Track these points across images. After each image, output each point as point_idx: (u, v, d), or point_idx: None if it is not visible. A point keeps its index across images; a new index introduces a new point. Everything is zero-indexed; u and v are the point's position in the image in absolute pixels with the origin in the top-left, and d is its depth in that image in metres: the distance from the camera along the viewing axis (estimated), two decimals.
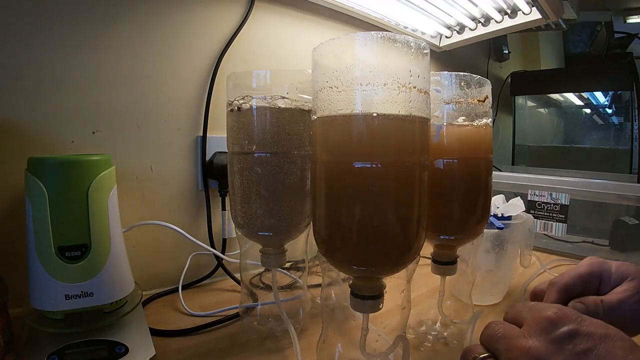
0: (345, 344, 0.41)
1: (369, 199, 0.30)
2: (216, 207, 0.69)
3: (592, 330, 0.23)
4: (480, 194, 0.44)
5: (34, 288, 0.41)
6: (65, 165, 0.41)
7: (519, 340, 0.25)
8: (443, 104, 0.43)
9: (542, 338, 0.24)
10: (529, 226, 0.64)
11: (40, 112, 0.53)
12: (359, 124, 0.30)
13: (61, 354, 0.39)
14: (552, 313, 0.25)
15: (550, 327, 0.24)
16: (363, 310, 0.34)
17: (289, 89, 0.42)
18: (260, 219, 0.43)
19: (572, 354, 0.22)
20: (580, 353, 0.22)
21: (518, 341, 0.25)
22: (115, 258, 0.44)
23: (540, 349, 0.23)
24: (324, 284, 0.42)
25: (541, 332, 0.24)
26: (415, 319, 0.52)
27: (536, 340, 0.24)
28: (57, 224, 0.40)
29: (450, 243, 0.45)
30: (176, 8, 0.63)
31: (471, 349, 0.29)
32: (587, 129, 1.67)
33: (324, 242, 0.34)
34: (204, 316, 0.54)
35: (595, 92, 1.63)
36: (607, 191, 0.80)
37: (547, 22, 0.86)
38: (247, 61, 0.72)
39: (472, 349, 0.29)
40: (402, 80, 0.30)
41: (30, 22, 0.51)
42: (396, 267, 0.33)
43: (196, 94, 0.66)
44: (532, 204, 0.86)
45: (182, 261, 0.64)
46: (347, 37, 0.30)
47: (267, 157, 0.42)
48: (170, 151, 0.64)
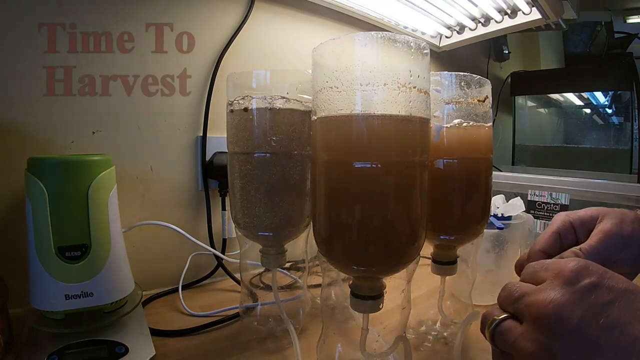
0: (345, 344, 0.41)
1: (369, 199, 0.30)
2: (216, 207, 0.69)
3: (613, 284, 0.23)
4: (480, 194, 0.44)
5: (34, 288, 0.41)
6: (65, 165, 0.41)
7: (541, 293, 0.24)
8: (443, 104, 0.43)
9: (565, 290, 0.23)
10: (529, 226, 0.64)
11: (40, 112, 0.53)
12: (359, 124, 0.30)
13: (61, 354, 0.39)
14: (574, 265, 0.25)
15: (573, 279, 0.24)
16: (363, 310, 0.34)
17: (289, 89, 0.42)
18: (260, 219, 0.43)
19: (594, 304, 0.22)
20: (602, 305, 0.22)
21: (539, 295, 0.24)
22: (115, 258, 0.44)
23: (562, 299, 0.23)
24: (324, 284, 0.42)
25: (563, 285, 0.24)
26: (415, 319, 0.52)
27: (558, 292, 0.24)
28: (57, 224, 0.40)
29: (450, 243, 0.45)
30: (176, 8, 0.63)
31: (489, 312, 0.29)
32: (587, 129, 1.67)
33: (324, 242, 0.34)
34: (204, 316, 0.54)
35: (595, 92, 1.63)
36: (607, 191, 0.80)
37: (547, 22, 0.86)
38: (247, 61, 0.72)
39: (489, 313, 0.28)
40: (402, 80, 0.30)
41: (29, 22, 0.51)
42: (396, 267, 0.33)
43: (196, 93, 0.66)
44: (532, 204, 0.86)
45: (182, 261, 0.64)
46: (347, 37, 0.30)
47: (267, 157, 0.42)
48: (170, 151, 0.64)
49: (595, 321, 0.22)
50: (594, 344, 0.21)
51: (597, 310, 0.22)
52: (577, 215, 0.36)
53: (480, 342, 0.48)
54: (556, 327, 0.23)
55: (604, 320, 0.22)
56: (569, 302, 0.23)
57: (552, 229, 0.36)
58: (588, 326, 0.22)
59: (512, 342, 0.25)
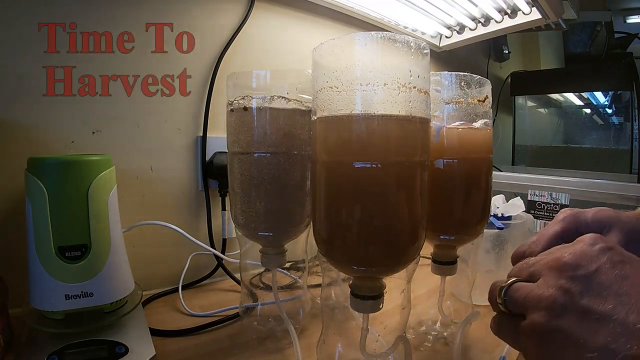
0: (345, 344, 0.41)
1: (369, 199, 0.30)
2: (216, 207, 0.69)
3: (626, 253, 0.25)
4: (480, 194, 0.44)
5: (34, 288, 0.41)
6: (65, 165, 0.41)
7: (560, 252, 0.26)
8: (443, 104, 0.43)
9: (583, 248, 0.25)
10: (529, 226, 0.64)
11: (40, 112, 0.53)
12: (359, 124, 0.30)
13: (61, 354, 0.39)
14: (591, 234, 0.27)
15: (590, 242, 0.26)
16: (363, 310, 0.34)
17: (289, 89, 0.42)
18: (260, 219, 0.43)
19: (609, 260, 0.24)
20: (616, 262, 0.24)
21: (557, 253, 0.26)
22: (115, 258, 0.44)
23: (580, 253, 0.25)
24: (324, 284, 0.42)
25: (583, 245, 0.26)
26: (415, 319, 0.52)
27: (577, 249, 0.25)
28: (57, 224, 0.40)
29: (450, 243, 0.45)
30: (176, 8, 0.63)
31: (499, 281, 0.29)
32: (587, 129, 1.67)
33: (324, 242, 0.34)
34: (204, 316, 0.54)
35: (595, 92, 1.63)
36: (607, 191, 0.80)
37: (547, 22, 0.86)
38: (247, 61, 0.72)
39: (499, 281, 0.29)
40: (402, 80, 0.30)
41: (29, 22, 0.51)
42: (396, 267, 0.33)
43: (196, 93, 0.66)
44: (532, 204, 0.86)
45: (182, 261, 0.64)
46: (347, 37, 0.30)
47: (267, 157, 0.42)
48: (170, 151, 0.64)
49: (610, 271, 0.24)
50: (608, 287, 0.23)
51: (612, 265, 0.24)
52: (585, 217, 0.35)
53: (480, 342, 0.48)
54: (575, 272, 0.24)
55: (618, 272, 0.23)
56: (587, 255, 0.25)
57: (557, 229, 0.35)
58: (603, 273, 0.24)
59: (526, 295, 0.26)
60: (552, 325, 0.24)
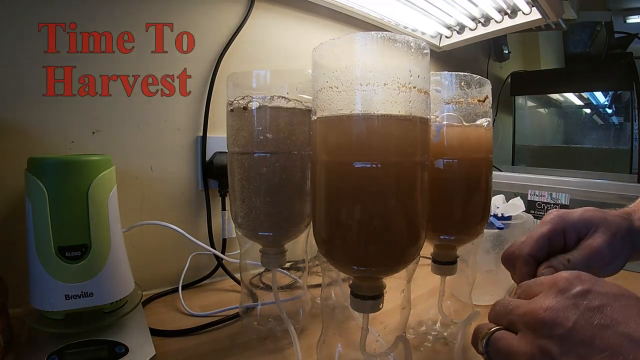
0: (345, 344, 0.41)
1: (369, 199, 0.30)
2: (216, 207, 0.69)
3: (606, 290, 0.24)
4: (481, 194, 0.44)
5: (34, 288, 0.41)
6: (65, 165, 0.41)
7: (535, 303, 0.25)
8: (443, 104, 0.43)
9: (559, 297, 0.24)
10: (529, 226, 0.63)
11: (40, 112, 0.53)
12: (359, 124, 0.30)
13: (61, 354, 0.39)
14: (567, 275, 0.26)
15: (567, 287, 0.25)
16: (363, 310, 0.34)
17: (289, 89, 0.42)
18: (260, 219, 0.43)
19: (587, 308, 0.23)
20: (595, 308, 0.23)
21: (534, 304, 0.25)
22: (115, 258, 0.44)
23: (557, 305, 0.24)
24: (324, 284, 0.42)
25: (557, 293, 0.25)
26: (415, 319, 0.52)
27: (552, 300, 0.24)
28: (57, 224, 0.40)
29: (450, 243, 0.45)
30: (176, 8, 0.63)
31: (481, 325, 0.29)
32: (587, 129, 1.67)
33: (324, 242, 0.34)
34: (204, 316, 0.54)
35: (595, 92, 1.63)
36: (607, 191, 0.80)
37: (547, 22, 0.86)
38: (247, 61, 0.72)
39: (482, 326, 0.29)
40: (402, 80, 0.30)
41: (29, 22, 0.51)
42: (396, 267, 0.33)
43: (196, 93, 0.66)
44: (532, 204, 0.86)
45: (182, 261, 0.64)
46: (347, 37, 0.30)
47: (267, 157, 0.42)
48: (170, 151, 0.64)
49: (589, 323, 0.22)
50: (589, 344, 0.22)
51: (591, 314, 0.23)
52: (571, 218, 0.36)
53: None
54: (552, 331, 0.23)
55: (597, 322, 0.22)
56: (563, 308, 0.24)
57: (544, 231, 0.36)
58: (582, 328, 0.22)
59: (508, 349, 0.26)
60: None
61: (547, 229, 0.36)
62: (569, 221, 0.36)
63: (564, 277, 0.26)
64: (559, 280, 0.26)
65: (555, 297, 0.25)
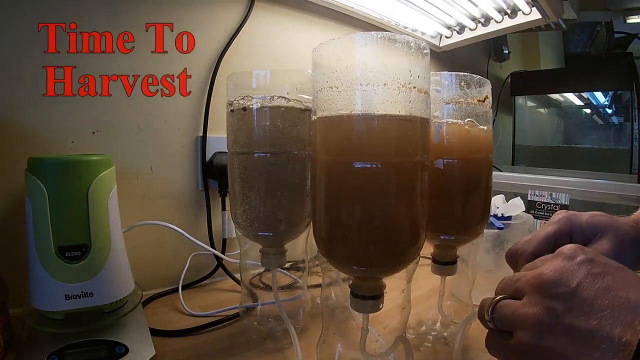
0: (345, 344, 0.41)
1: (369, 199, 0.30)
2: (216, 207, 0.69)
3: (606, 261, 0.26)
4: (481, 194, 0.44)
5: (34, 288, 0.41)
6: (65, 165, 0.41)
7: (542, 268, 0.26)
8: (443, 104, 0.43)
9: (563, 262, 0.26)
10: (529, 226, 0.63)
11: (40, 112, 0.53)
12: (359, 124, 0.30)
13: (61, 354, 0.39)
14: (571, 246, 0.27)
15: (571, 255, 0.26)
16: (363, 310, 0.34)
17: (289, 89, 0.42)
18: (260, 219, 0.43)
19: (590, 273, 0.24)
20: (597, 274, 0.24)
21: (539, 270, 0.26)
22: (115, 258, 0.44)
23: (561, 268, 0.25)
24: (324, 284, 0.42)
25: (562, 259, 0.26)
26: (415, 319, 0.52)
27: (558, 264, 0.26)
28: (57, 224, 0.40)
29: (451, 243, 0.45)
30: (176, 8, 0.63)
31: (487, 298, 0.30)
32: (587, 129, 1.67)
33: (324, 242, 0.34)
34: (204, 316, 0.54)
35: (595, 92, 1.63)
36: (607, 191, 0.80)
37: (547, 22, 0.86)
38: (247, 61, 0.72)
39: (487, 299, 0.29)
40: (402, 80, 0.30)
41: (29, 22, 0.51)
42: (396, 267, 0.33)
43: (196, 93, 0.66)
44: (532, 204, 0.86)
45: (182, 261, 0.64)
46: (347, 37, 0.30)
47: (267, 157, 0.42)
48: (170, 151, 0.64)
49: (591, 286, 0.24)
50: (590, 303, 0.23)
51: (593, 278, 0.24)
52: (579, 221, 0.36)
53: (480, 342, 0.48)
54: (557, 290, 0.24)
55: (599, 285, 0.24)
56: (567, 271, 0.25)
57: (550, 231, 0.35)
58: (585, 288, 0.24)
59: (512, 312, 0.26)
60: (540, 344, 0.24)
61: (554, 229, 0.35)
62: (576, 224, 0.36)
63: (568, 247, 0.27)
64: (564, 249, 0.27)
65: (560, 261, 0.26)
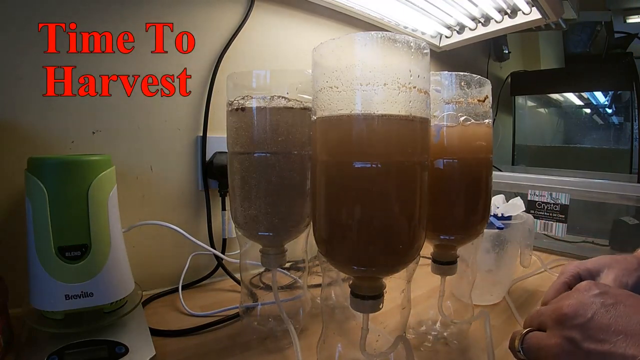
0: (345, 344, 0.41)
1: (369, 199, 0.30)
2: (216, 207, 0.69)
3: (618, 292, 0.29)
4: (480, 194, 0.44)
5: (34, 288, 0.41)
6: (65, 165, 0.41)
7: (560, 302, 0.31)
8: (443, 104, 0.43)
9: (579, 296, 0.30)
10: (529, 226, 0.64)
11: (40, 112, 0.53)
12: (359, 124, 0.30)
13: (61, 354, 0.39)
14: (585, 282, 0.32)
15: (586, 289, 0.30)
16: (363, 310, 0.34)
17: (289, 89, 0.42)
18: (260, 219, 0.43)
19: (603, 304, 0.28)
20: (610, 305, 0.28)
21: (559, 304, 0.31)
22: (115, 258, 0.44)
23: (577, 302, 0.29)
24: (324, 284, 0.42)
25: (578, 294, 0.30)
26: (415, 319, 0.52)
27: (574, 299, 0.30)
28: (57, 224, 0.40)
29: (451, 243, 0.45)
30: (176, 8, 0.63)
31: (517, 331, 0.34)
32: (587, 129, 1.67)
33: (324, 242, 0.34)
34: (204, 316, 0.54)
35: (595, 92, 1.63)
36: (607, 191, 0.80)
37: (547, 22, 0.86)
38: (247, 61, 0.72)
39: (517, 331, 0.34)
40: (402, 80, 0.30)
41: (29, 22, 0.51)
42: (396, 267, 0.33)
43: (196, 93, 0.66)
44: (532, 204, 0.86)
45: (182, 261, 0.64)
46: (347, 37, 0.30)
47: (267, 157, 0.42)
48: (170, 151, 0.64)
49: (605, 315, 0.27)
50: (605, 331, 0.26)
51: (606, 308, 0.28)
52: (585, 266, 0.40)
53: (480, 342, 0.48)
54: (574, 322, 0.28)
55: (612, 314, 0.27)
56: (583, 304, 0.29)
57: (562, 280, 0.40)
58: (600, 318, 0.27)
59: (539, 344, 0.31)
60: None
61: (565, 277, 0.40)
62: (583, 267, 0.40)
63: (583, 283, 0.31)
64: (579, 286, 0.31)
65: (577, 296, 0.30)
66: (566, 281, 0.39)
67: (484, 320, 0.44)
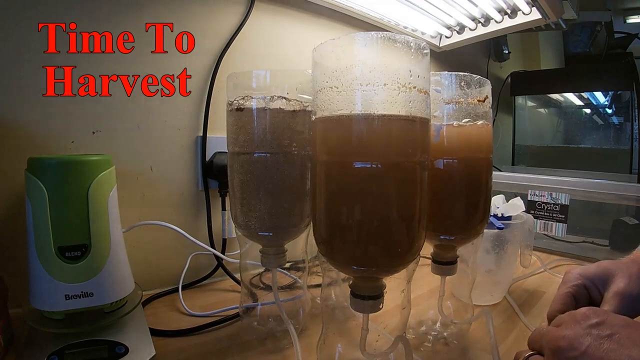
0: (345, 344, 0.41)
1: (369, 199, 0.30)
2: (216, 207, 0.69)
3: (616, 322, 0.30)
4: (480, 194, 0.44)
5: (34, 288, 0.41)
6: (65, 165, 0.41)
7: (557, 332, 0.31)
8: (443, 104, 0.43)
9: (576, 327, 0.30)
10: (529, 226, 0.64)
11: (40, 112, 0.53)
12: (359, 124, 0.30)
13: (61, 354, 0.39)
14: (584, 309, 0.32)
15: (582, 319, 0.31)
16: (363, 311, 0.34)
17: (289, 89, 0.42)
18: (260, 219, 0.43)
19: (598, 336, 0.29)
20: (605, 336, 0.28)
21: (556, 333, 0.31)
22: (115, 258, 0.44)
23: (573, 334, 0.30)
24: (324, 284, 0.42)
25: (575, 324, 0.31)
26: (415, 319, 0.52)
27: (570, 329, 0.30)
28: (57, 224, 0.40)
29: (451, 243, 0.45)
30: (176, 8, 0.63)
31: (521, 352, 0.35)
32: (587, 129, 1.67)
33: (324, 242, 0.34)
34: (204, 316, 0.54)
35: (595, 92, 1.63)
36: (607, 191, 0.80)
37: (547, 22, 0.86)
38: (247, 61, 0.72)
39: (520, 352, 0.35)
40: (402, 81, 0.30)
41: (29, 22, 0.51)
42: (396, 267, 0.33)
43: (196, 93, 0.66)
44: (532, 204, 0.86)
45: (182, 261, 0.64)
46: (347, 37, 0.30)
47: (267, 157, 0.42)
48: (170, 151, 0.64)
49: (599, 347, 0.28)
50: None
51: (601, 340, 0.28)
52: (588, 273, 0.39)
53: (480, 342, 0.48)
54: (568, 354, 0.29)
55: (606, 347, 0.28)
56: (578, 335, 0.29)
57: (565, 291, 0.39)
58: (593, 351, 0.28)
59: None
60: None
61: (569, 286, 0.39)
62: (586, 276, 0.39)
63: (582, 311, 0.32)
64: (578, 314, 0.32)
65: (573, 327, 0.30)
66: (571, 292, 0.39)
67: (487, 318, 0.44)
